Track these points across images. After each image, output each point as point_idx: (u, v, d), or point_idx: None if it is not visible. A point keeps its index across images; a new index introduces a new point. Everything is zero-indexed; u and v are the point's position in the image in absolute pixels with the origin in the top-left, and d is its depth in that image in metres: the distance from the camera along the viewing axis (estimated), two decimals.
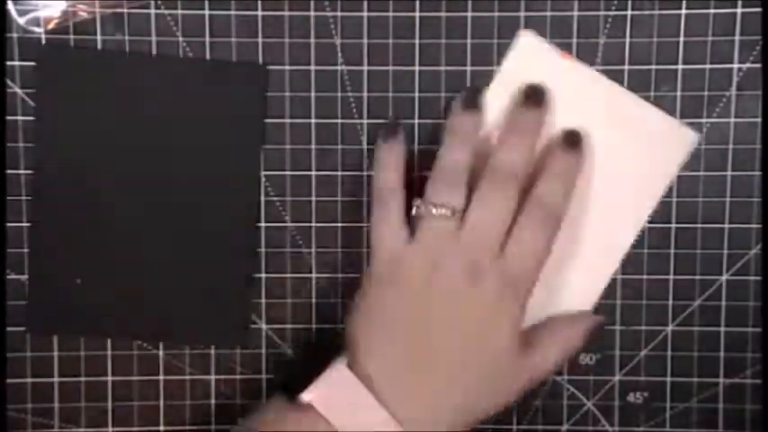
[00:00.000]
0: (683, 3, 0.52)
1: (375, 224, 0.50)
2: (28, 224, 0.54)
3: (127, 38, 0.53)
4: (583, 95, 0.52)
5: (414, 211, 0.48)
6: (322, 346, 0.54)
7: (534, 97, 0.51)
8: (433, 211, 0.47)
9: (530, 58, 0.52)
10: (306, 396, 0.46)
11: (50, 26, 0.52)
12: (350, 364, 0.47)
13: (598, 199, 0.53)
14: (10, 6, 0.52)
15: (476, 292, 0.47)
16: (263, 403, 0.50)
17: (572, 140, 0.51)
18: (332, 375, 0.47)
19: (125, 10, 0.53)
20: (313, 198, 0.54)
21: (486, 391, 0.48)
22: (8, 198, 0.53)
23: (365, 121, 0.54)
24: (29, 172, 0.53)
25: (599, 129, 0.52)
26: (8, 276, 0.54)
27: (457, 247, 0.47)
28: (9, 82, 0.53)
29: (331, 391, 0.46)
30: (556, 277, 0.52)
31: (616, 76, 0.53)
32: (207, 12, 0.53)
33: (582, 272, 0.53)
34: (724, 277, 0.54)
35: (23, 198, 0.54)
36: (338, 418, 0.46)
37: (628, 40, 0.53)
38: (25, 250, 0.54)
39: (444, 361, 0.47)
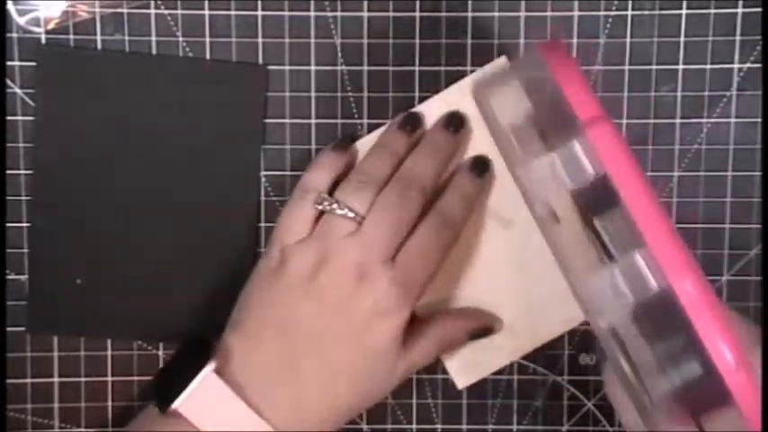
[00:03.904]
0: (683, 3, 0.52)
1: (281, 220, 0.49)
2: (28, 224, 0.54)
3: (127, 38, 0.53)
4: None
5: (318, 206, 0.48)
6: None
7: (452, 124, 0.51)
8: (337, 209, 0.48)
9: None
10: (175, 404, 0.46)
11: (50, 26, 0.52)
12: (220, 367, 0.47)
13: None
14: (10, 6, 0.52)
15: (361, 293, 0.47)
16: (137, 415, 0.50)
17: (479, 166, 0.51)
18: (200, 382, 0.46)
19: (125, 10, 0.53)
20: None
21: (359, 392, 0.49)
22: (8, 198, 0.53)
23: (365, 121, 0.54)
24: (29, 172, 0.53)
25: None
26: (8, 276, 0.54)
27: (350, 245, 0.47)
28: (9, 82, 0.53)
29: (199, 397, 0.46)
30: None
31: (616, 76, 0.53)
32: (207, 12, 0.53)
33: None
34: (724, 277, 0.54)
35: (23, 198, 0.54)
36: (207, 423, 0.46)
37: (628, 40, 0.53)
38: (25, 250, 0.54)
39: (317, 363, 0.47)
